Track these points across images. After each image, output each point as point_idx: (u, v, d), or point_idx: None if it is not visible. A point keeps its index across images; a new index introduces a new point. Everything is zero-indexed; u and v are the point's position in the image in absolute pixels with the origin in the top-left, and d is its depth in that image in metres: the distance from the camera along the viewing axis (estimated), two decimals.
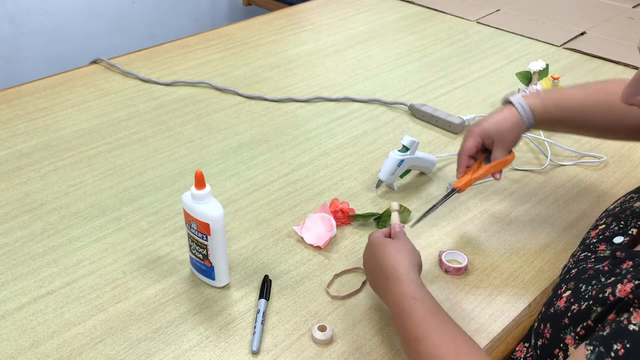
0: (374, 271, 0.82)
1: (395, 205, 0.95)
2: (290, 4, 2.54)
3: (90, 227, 1.02)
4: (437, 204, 0.99)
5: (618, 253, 0.69)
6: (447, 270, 0.93)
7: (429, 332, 0.69)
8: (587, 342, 0.60)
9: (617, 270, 0.66)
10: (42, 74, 1.56)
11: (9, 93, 1.42)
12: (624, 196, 0.83)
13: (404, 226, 0.89)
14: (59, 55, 2.69)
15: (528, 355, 0.82)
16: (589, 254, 0.74)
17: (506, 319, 0.86)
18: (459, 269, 0.93)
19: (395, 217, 0.93)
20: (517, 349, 0.85)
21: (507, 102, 1.00)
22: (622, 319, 0.59)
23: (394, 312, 0.75)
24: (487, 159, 1.00)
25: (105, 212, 1.05)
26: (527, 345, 0.84)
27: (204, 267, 0.89)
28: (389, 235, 0.86)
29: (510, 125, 0.97)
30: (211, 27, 2.18)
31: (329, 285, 0.91)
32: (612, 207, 0.82)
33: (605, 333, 0.59)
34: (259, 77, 1.52)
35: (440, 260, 0.94)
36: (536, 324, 0.71)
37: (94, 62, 1.57)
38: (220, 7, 3.26)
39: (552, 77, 1.27)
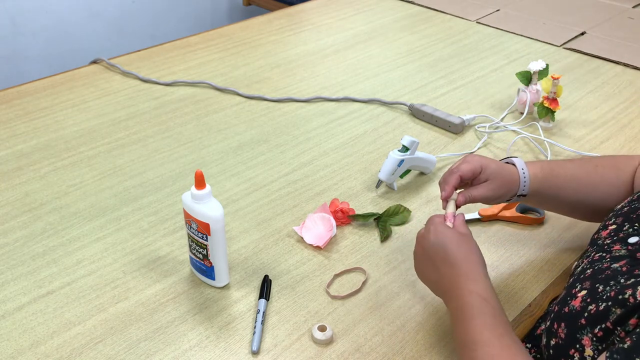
0: (436, 259, 0.77)
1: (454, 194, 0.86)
2: (290, 4, 2.54)
3: (90, 227, 1.02)
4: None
5: (639, 255, 0.69)
6: None
7: (491, 340, 0.67)
8: (607, 354, 0.59)
9: (637, 272, 0.66)
10: (42, 74, 1.56)
11: (9, 93, 1.42)
12: (631, 195, 0.82)
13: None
14: (59, 55, 2.69)
15: (531, 356, 0.82)
16: (604, 254, 0.73)
17: None
18: None
19: (451, 207, 0.84)
20: None
21: (510, 162, 0.91)
22: None
23: (459, 307, 0.72)
24: (520, 207, 1.04)
25: (105, 212, 1.05)
26: (529, 346, 0.84)
27: (204, 267, 0.89)
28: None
29: (509, 177, 0.88)
30: (211, 27, 2.18)
31: (329, 285, 0.91)
32: (620, 206, 0.81)
33: (626, 346, 0.58)
34: (259, 77, 1.52)
35: None
36: (548, 324, 0.71)
37: (94, 62, 1.57)
38: (220, 7, 3.26)
39: (552, 77, 1.27)
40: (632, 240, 0.72)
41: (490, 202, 0.88)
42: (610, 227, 0.78)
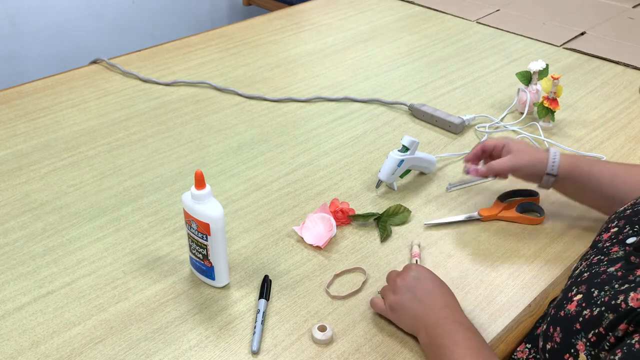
0: (417, 293, 0.82)
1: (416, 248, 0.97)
2: (290, 4, 2.54)
3: (90, 227, 1.02)
4: (452, 222, 1.04)
5: (632, 258, 0.68)
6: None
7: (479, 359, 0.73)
8: None
9: (631, 277, 0.65)
10: (42, 74, 1.56)
11: (9, 93, 1.42)
12: (634, 199, 0.82)
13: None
14: (59, 55, 2.69)
15: (530, 356, 0.82)
16: (602, 257, 0.73)
17: (506, 319, 0.86)
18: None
19: (415, 248, 0.97)
20: (518, 349, 0.85)
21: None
22: (633, 341, 0.59)
23: (445, 335, 0.77)
24: (521, 207, 1.04)
25: (105, 212, 1.05)
26: (529, 346, 0.84)
27: (204, 267, 0.89)
28: None
29: (536, 153, 0.96)
30: (211, 27, 2.18)
31: (329, 285, 0.91)
32: (622, 209, 0.81)
33: (617, 358, 0.59)
34: (259, 77, 1.52)
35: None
36: (545, 327, 0.71)
37: (94, 62, 1.57)
38: (220, 7, 3.26)
39: (552, 77, 1.27)
40: (630, 240, 0.72)
41: (516, 174, 0.93)
42: (612, 230, 0.78)
